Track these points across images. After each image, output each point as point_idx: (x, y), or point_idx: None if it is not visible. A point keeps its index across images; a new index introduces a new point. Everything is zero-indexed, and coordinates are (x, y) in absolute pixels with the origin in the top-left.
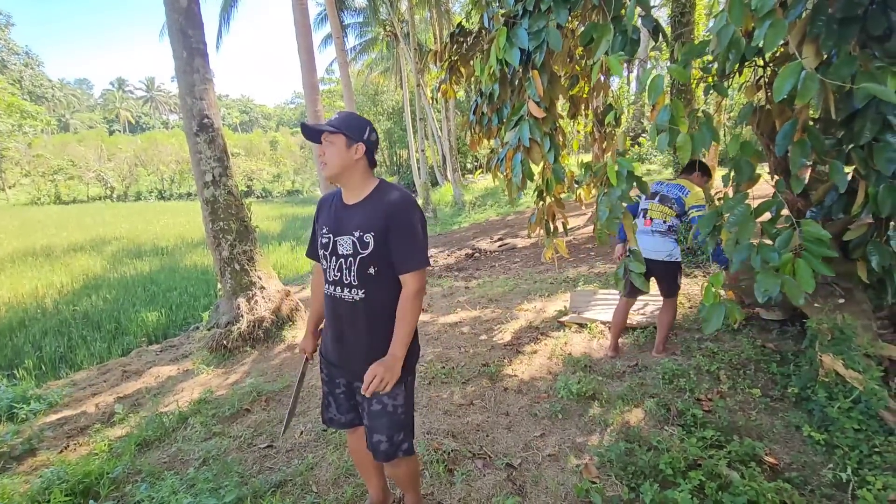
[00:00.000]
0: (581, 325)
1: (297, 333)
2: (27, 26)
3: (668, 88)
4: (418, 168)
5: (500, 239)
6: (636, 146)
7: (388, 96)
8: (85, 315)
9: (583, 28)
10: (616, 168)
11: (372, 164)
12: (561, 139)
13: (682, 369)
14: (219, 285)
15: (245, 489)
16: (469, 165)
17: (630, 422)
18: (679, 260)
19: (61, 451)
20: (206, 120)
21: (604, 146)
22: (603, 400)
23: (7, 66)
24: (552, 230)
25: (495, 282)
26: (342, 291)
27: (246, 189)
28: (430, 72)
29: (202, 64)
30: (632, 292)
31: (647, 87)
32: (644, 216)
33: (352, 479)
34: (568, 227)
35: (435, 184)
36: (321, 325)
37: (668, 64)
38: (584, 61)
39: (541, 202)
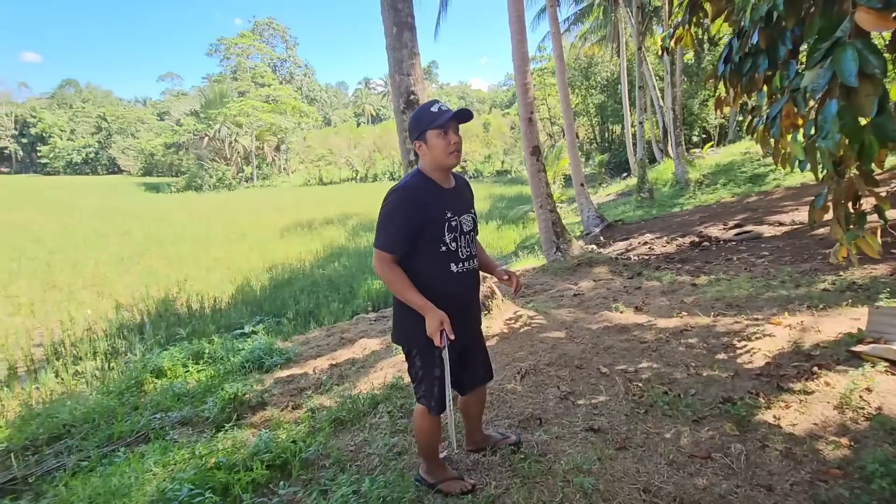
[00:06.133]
0: (893, 363)
1: (492, 323)
2: (305, 43)
3: None
4: (634, 143)
5: (737, 225)
6: None
7: (601, 67)
8: (329, 279)
9: None
10: None
11: None
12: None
13: None
14: None
15: None
16: (696, 139)
17: None
18: None
19: (282, 410)
20: (412, 97)
21: None
22: None
23: (294, 78)
24: (854, 218)
25: (734, 281)
26: (472, 264)
27: (461, 170)
28: (654, 34)
29: (410, 38)
30: None
31: None
32: None
33: None
34: (886, 213)
35: (652, 160)
36: None
37: None
38: None
39: (836, 176)
